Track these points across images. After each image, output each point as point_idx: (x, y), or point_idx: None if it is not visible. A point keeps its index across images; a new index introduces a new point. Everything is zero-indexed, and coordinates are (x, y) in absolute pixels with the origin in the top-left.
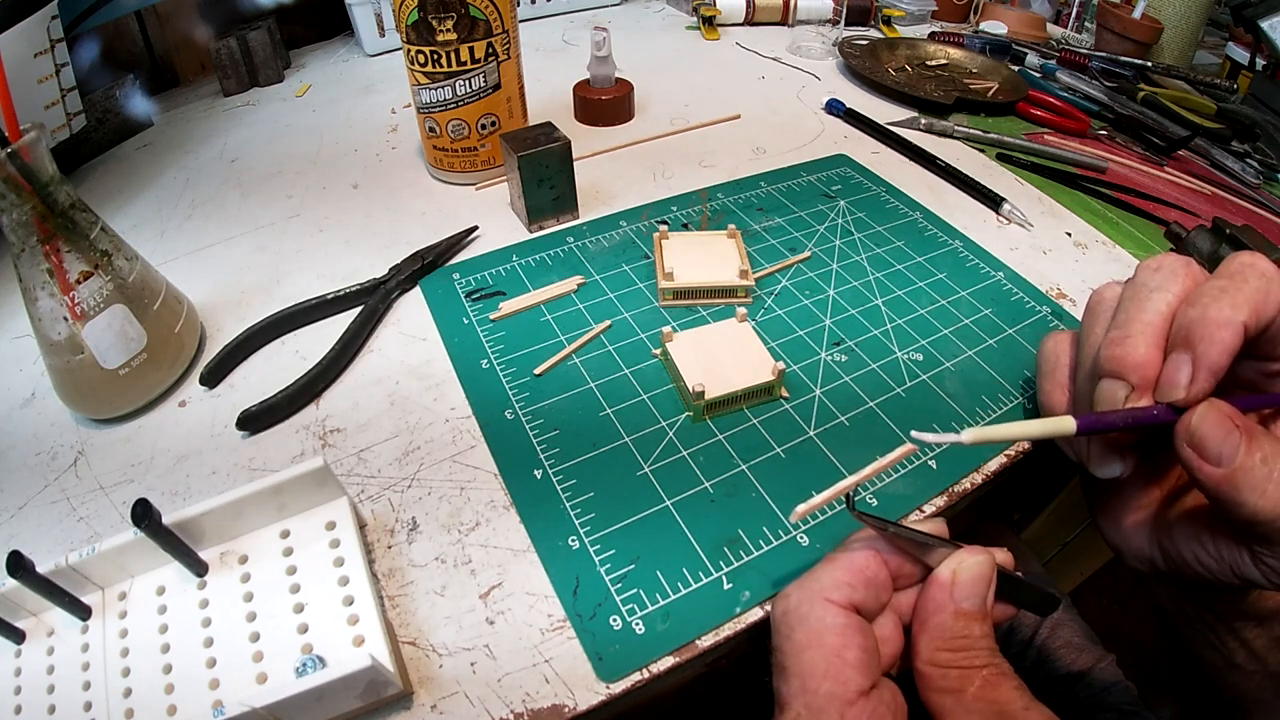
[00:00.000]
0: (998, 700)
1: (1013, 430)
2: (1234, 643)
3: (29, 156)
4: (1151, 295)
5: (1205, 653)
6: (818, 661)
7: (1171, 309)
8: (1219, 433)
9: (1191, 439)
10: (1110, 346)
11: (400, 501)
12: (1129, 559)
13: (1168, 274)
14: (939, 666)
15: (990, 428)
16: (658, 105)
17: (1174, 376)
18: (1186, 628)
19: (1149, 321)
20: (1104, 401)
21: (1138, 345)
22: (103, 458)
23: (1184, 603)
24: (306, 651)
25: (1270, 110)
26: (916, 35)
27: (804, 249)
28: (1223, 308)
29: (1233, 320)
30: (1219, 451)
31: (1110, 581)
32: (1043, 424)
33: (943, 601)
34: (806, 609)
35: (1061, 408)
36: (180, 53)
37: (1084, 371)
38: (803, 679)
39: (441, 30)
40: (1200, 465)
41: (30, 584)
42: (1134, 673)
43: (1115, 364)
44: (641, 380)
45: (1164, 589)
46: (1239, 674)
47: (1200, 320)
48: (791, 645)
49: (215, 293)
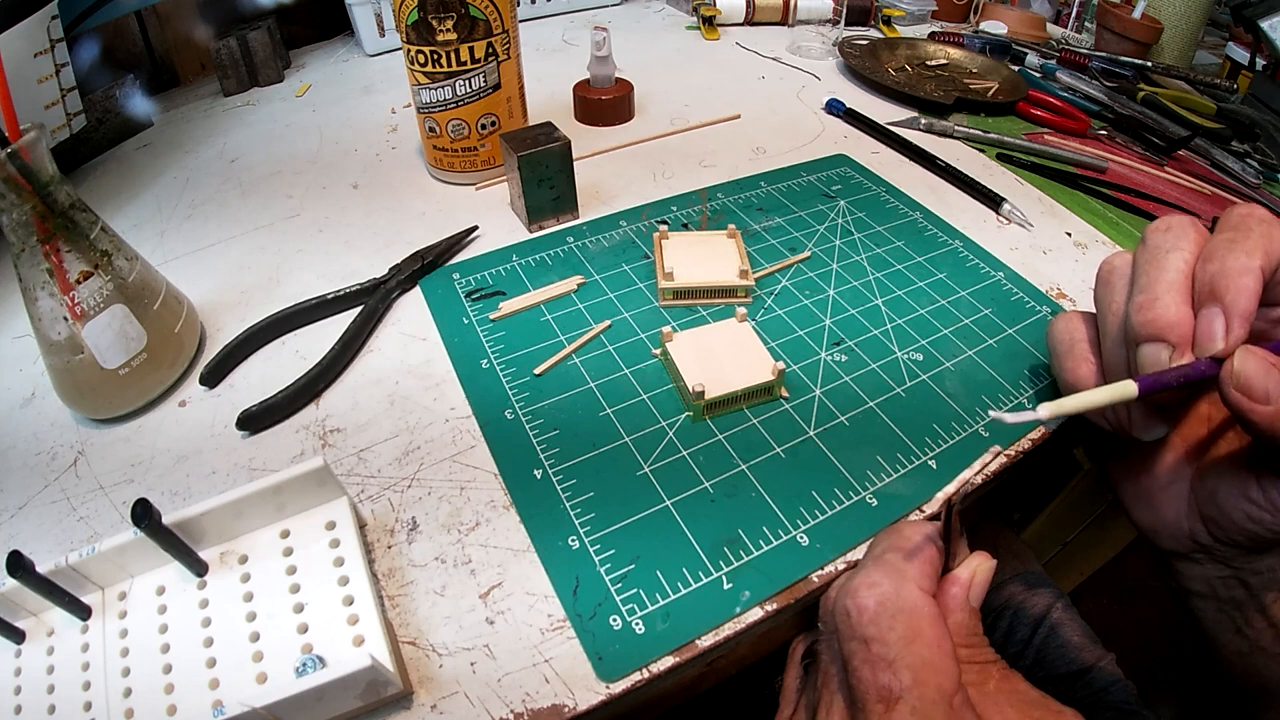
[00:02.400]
0: (1017, 692)
1: (1082, 400)
2: (1261, 623)
3: (29, 156)
4: (1169, 255)
5: (1228, 639)
6: (925, 653)
7: (1190, 266)
8: (1262, 371)
9: (1238, 382)
10: (1141, 311)
11: (400, 501)
12: (1165, 540)
13: (1178, 233)
14: (960, 662)
15: (1062, 400)
16: (658, 105)
17: (1210, 329)
18: (1213, 611)
19: (1172, 281)
20: (1148, 365)
21: (1168, 306)
22: (103, 458)
23: (1215, 581)
24: (306, 651)
25: (1270, 110)
26: (916, 35)
27: (804, 249)
28: (1239, 256)
29: (1250, 267)
30: (1265, 389)
31: (1110, 581)
32: (1109, 391)
33: (963, 600)
34: (905, 599)
35: (1090, 381)
36: (180, 53)
37: (1111, 340)
38: (915, 672)
39: (441, 30)
40: (1250, 406)
41: (30, 584)
42: (1134, 672)
43: (1151, 327)
44: (641, 380)
45: (1196, 569)
46: (1264, 658)
47: (1221, 272)
48: (895, 637)
49: (215, 293)
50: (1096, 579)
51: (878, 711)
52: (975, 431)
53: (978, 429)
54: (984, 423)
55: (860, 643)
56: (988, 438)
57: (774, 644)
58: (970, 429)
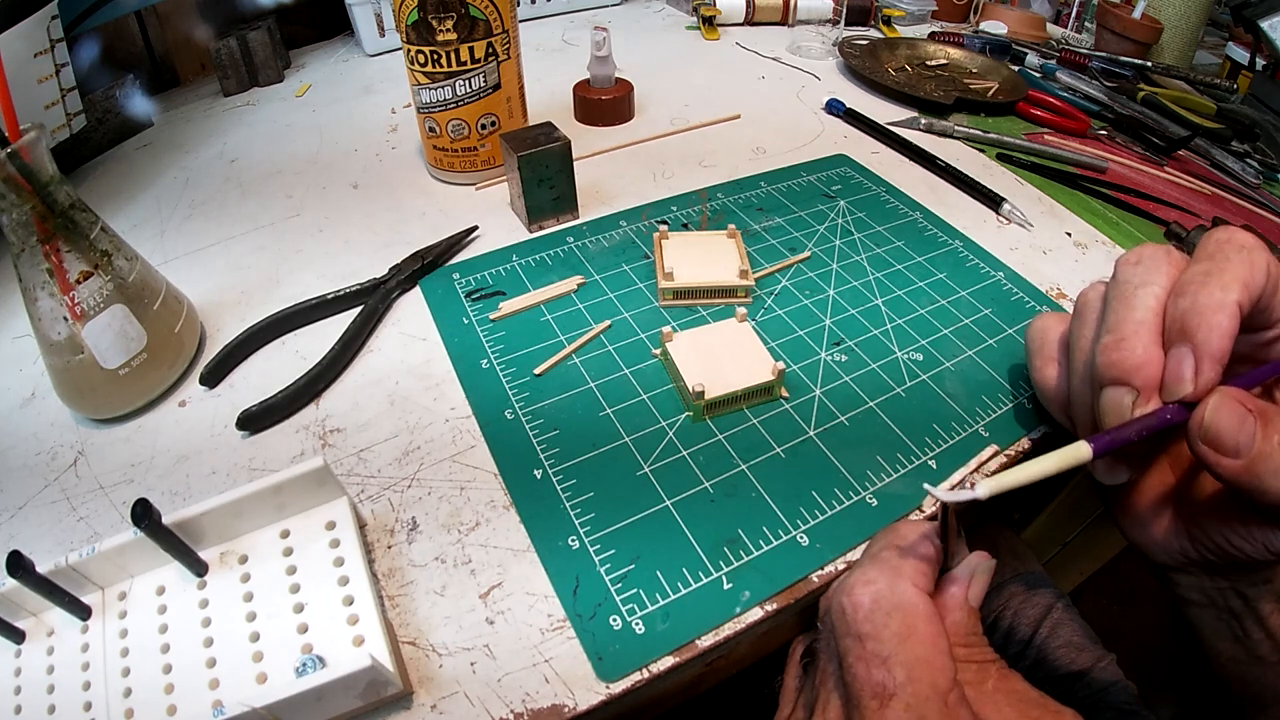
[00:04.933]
0: (1016, 691)
1: (1029, 471)
2: (1259, 633)
3: (29, 156)
4: (1138, 292)
5: (1226, 647)
6: (919, 650)
7: (1161, 302)
8: (1233, 422)
9: (1205, 435)
10: (1106, 353)
11: (400, 501)
12: (1156, 554)
13: (1149, 266)
14: (957, 661)
15: (1003, 475)
16: (658, 105)
17: (1178, 372)
18: (1210, 620)
19: (1141, 320)
20: (1110, 412)
21: (1134, 346)
22: (103, 458)
23: (1212, 592)
24: (306, 651)
25: (1270, 110)
26: (916, 35)
27: (804, 249)
28: (1213, 292)
29: (1225, 302)
30: (1235, 443)
31: (1110, 581)
32: (1058, 457)
33: (961, 599)
34: (901, 596)
35: (1052, 382)
36: (180, 53)
37: (1079, 378)
38: (909, 669)
39: (441, 30)
40: (1218, 460)
41: (30, 584)
42: (1134, 673)
43: (1115, 370)
44: (641, 380)
45: (1192, 580)
46: (1260, 667)
47: (1193, 309)
48: (890, 634)
49: (215, 293)
50: (1096, 579)
51: (872, 708)
52: (975, 431)
53: (978, 429)
54: (984, 423)
55: (855, 640)
56: (987, 437)
57: (774, 644)
58: (970, 429)
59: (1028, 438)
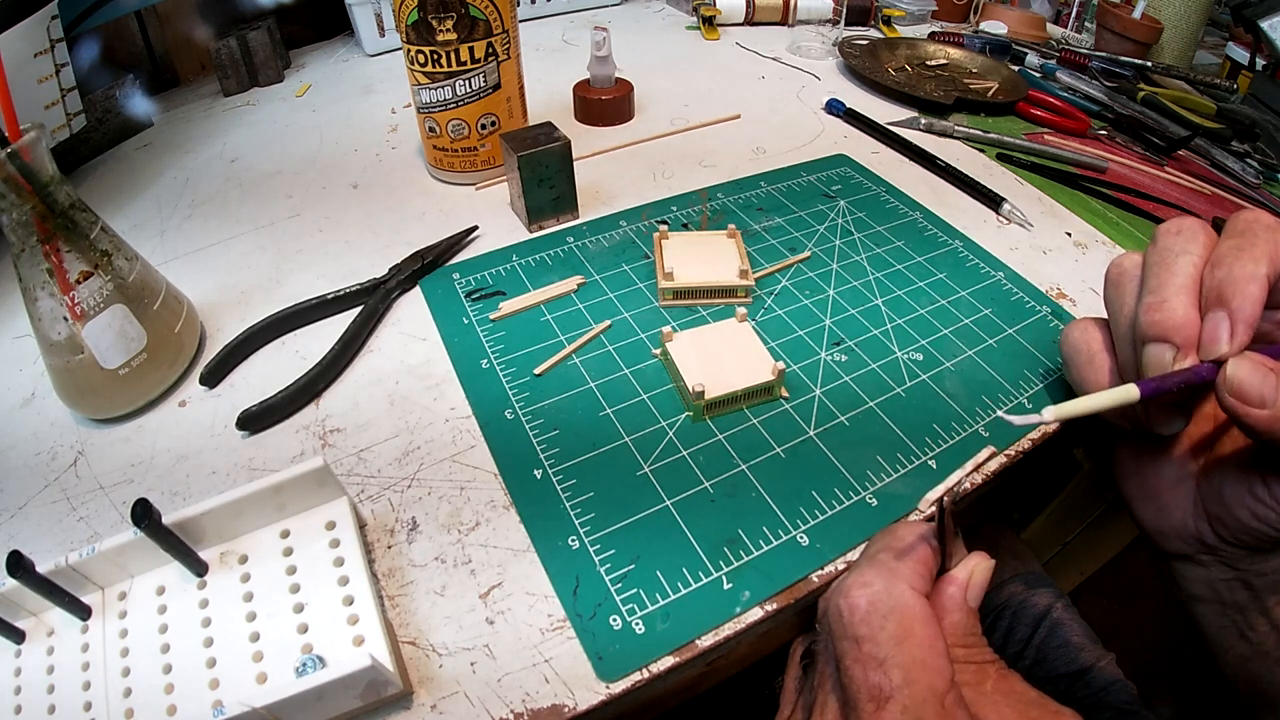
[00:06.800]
0: (1015, 691)
1: (1086, 403)
2: (1265, 627)
3: (29, 156)
4: (1179, 259)
5: (1232, 642)
6: (916, 653)
7: (1199, 269)
8: (1257, 376)
9: (1233, 388)
10: (1149, 312)
11: (400, 501)
12: (1170, 541)
13: (1188, 236)
14: (955, 662)
15: (1066, 404)
16: (658, 105)
17: (1214, 334)
18: (1215, 617)
19: (1181, 284)
20: (1153, 365)
21: (1175, 308)
22: (103, 458)
23: (1218, 585)
24: (306, 651)
25: (1270, 110)
26: (916, 35)
27: (804, 249)
28: (1245, 264)
29: (1257, 274)
30: (1260, 393)
31: (1110, 581)
32: (1112, 395)
33: (960, 600)
34: (897, 598)
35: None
36: (180, 53)
37: (1122, 339)
38: (906, 671)
39: (441, 30)
40: (1246, 410)
41: (30, 584)
42: (1134, 672)
43: (1158, 328)
44: (641, 380)
45: (1199, 571)
46: (1265, 663)
47: (1229, 279)
48: (886, 636)
49: (215, 293)
50: (1096, 579)
51: (869, 710)
52: (975, 431)
53: (978, 429)
54: (984, 423)
55: (852, 642)
56: (987, 437)
57: (774, 644)
58: (970, 429)
59: (1028, 439)
